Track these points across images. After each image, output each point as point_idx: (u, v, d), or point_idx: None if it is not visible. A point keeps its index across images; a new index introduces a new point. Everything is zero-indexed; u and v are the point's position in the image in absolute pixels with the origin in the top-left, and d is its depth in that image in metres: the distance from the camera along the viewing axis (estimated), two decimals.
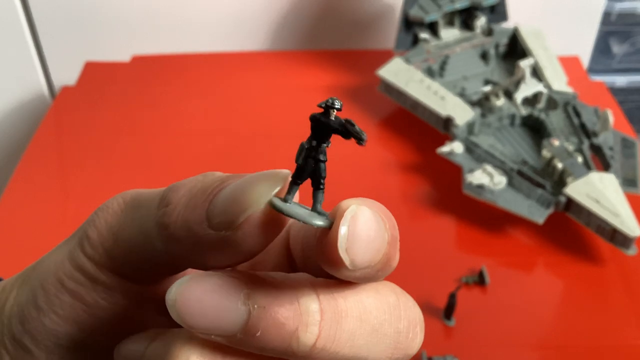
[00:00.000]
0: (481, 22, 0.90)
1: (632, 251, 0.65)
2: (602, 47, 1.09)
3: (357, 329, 0.22)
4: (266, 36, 1.04)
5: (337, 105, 0.21)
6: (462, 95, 0.81)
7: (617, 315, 0.63)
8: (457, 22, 0.91)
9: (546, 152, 0.71)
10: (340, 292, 0.22)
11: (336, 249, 0.21)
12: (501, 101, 0.80)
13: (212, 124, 0.87)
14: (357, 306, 0.22)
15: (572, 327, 0.62)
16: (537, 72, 0.82)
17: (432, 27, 0.89)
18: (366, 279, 0.22)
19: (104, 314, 0.25)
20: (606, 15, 1.05)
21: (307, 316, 0.21)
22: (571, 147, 0.72)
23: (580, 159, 0.71)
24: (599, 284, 0.66)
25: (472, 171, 0.72)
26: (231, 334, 0.21)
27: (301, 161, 0.22)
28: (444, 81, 0.84)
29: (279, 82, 0.96)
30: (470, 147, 0.75)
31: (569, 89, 0.82)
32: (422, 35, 0.88)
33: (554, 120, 0.78)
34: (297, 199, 0.22)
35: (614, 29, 1.08)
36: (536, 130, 0.79)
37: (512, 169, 0.71)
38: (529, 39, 0.87)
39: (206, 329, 0.21)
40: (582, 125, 0.77)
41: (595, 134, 0.75)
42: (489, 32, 0.90)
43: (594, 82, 0.98)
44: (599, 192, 0.66)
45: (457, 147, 0.75)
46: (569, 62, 0.91)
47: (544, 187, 0.69)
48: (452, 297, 0.60)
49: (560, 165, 0.69)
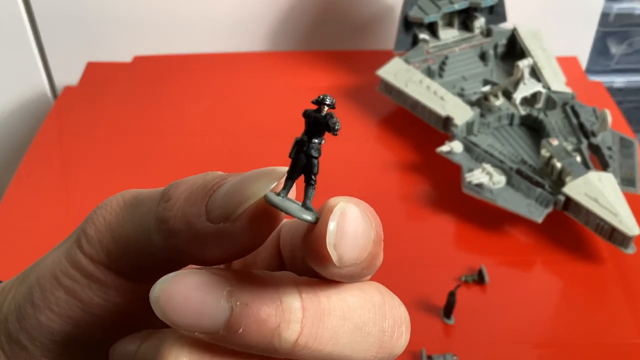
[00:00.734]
0: (480, 22, 0.91)
1: (631, 250, 0.65)
2: (600, 48, 1.10)
3: (340, 327, 0.22)
4: (267, 37, 1.04)
5: (328, 101, 0.22)
6: (461, 95, 0.82)
7: (616, 313, 0.64)
8: (456, 23, 0.91)
9: (545, 152, 0.71)
10: (323, 291, 0.23)
11: (324, 245, 0.21)
12: (500, 101, 0.80)
13: (213, 123, 0.88)
14: (340, 305, 0.22)
15: (570, 325, 0.63)
16: (535, 73, 0.83)
17: (432, 28, 0.90)
18: (351, 277, 0.23)
19: (100, 312, 0.26)
20: (604, 16, 1.06)
21: (289, 313, 0.21)
22: (570, 147, 0.72)
23: (578, 158, 0.71)
24: (597, 282, 0.67)
25: (471, 170, 0.72)
26: (214, 331, 0.21)
27: (293, 155, 0.23)
28: (443, 81, 0.84)
29: (280, 83, 0.96)
30: (469, 147, 0.75)
31: (568, 89, 0.82)
32: (422, 35, 0.89)
33: (553, 120, 0.79)
34: (293, 196, 0.23)
35: (612, 29, 1.09)
36: (535, 130, 0.79)
37: (511, 168, 0.72)
38: (528, 40, 0.88)
39: (189, 325, 0.21)
40: (581, 125, 0.77)
41: (593, 134, 0.76)
42: (488, 33, 0.91)
43: (592, 82, 0.98)
44: (598, 191, 0.66)
45: (456, 147, 0.75)
46: (567, 63, 0.91)
47: (543, 187, 0.70)
48: (451, 296, 0.61)
49: (559, 164, 0.70)
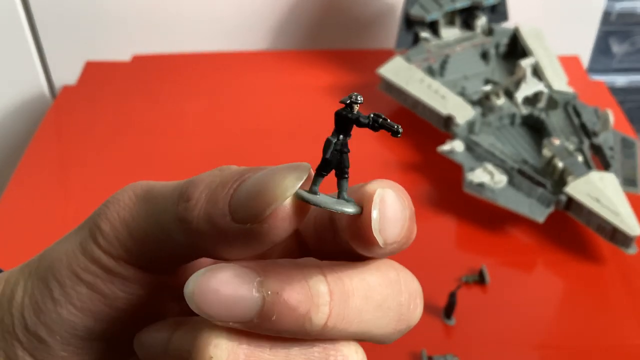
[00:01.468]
0: (482, 21, 0.90)
1: (632, 250, 0.65)
2: (602, 47, 1.09)
3: (364, 306, 0.24)
4: (266, 36, 1.04)
5: (360, 100, 0.23)
6: (462, 94, 0.81)
7: (617, 314, 0.63)
8: (457, 21, 0.91)
9: (547, 152, 0.71)
10: (345, 273, 0.24)
11: (371, 232, 0.23)
12: (501, 100, 0.80)
13: (212, 123, 0.87)
14: (362, 285, 0.24)
15: (572, 326, 0.63)
16: (537, 72, 0.82)
17: (433, 27, 0.90)
18: (392, 253, 0.24)
19: (121, 304, 0.26)
20: (606, 15, 1.05)
21: (318, 298, 0.23)
22: (571, 147, 0.72)
23: (580, 158, 0.71)
24: (599, 283, 0.66)
25: (472, 170, 0.72)
26: (248, 320, 0.22)
27: (329, 155, 0.24)
28: (445, 80, 0.84)
29: (279, 82, 0.96)
30: (470, 146, 0.75)
31: (569, 89, 0.82)
32: (423, 34, 0.88)
33: (554, 119, 0.78)
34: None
35: (614, 28, 1.08)
36: (536, 129, 0.79)
37: (513, 168, 0.71)
38: (529, 39, 0.87)
39: (224, 317, 0.22)
40: (583, 124, 0.77)
41: (595, 134, 0.75)
42: (490, 32, 0.90)
43: (594, 81, 0.98)
44: (599, 191, 0.66)
45: (457, 146, 0.75)
46: (569, 62, 0.91)
47: (544, 186, 0.69)
48: (452, 296, 0.60)
49: (560, 164, 0.69)
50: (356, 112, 0.23)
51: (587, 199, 0.66)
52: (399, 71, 0.84)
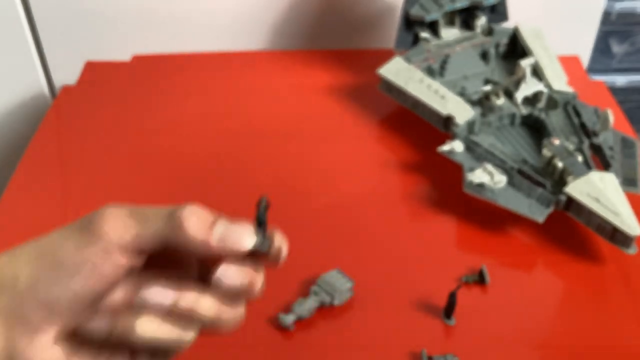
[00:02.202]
0: (481, 21, 0.90)
1: (632, 250, 0.65)
2: (602, 47, 1.10)
3: None
4: (266, 36, 1.04)
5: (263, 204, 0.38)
6: (462, 94, 0.81)
7: (617, 314, 0.63)
8: (457, 21, 0.91)
9: (546, 151, 0.71)
10: None
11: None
12: (501, 100, 0.80)
13: (212, 123, 0.87)
14: None
15: (572, 326, 0.63)
16: (537, 72, 0.82)
17: (433, 27, 0.90)
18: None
19: (116, 280, 0.35)
20: (606, 14, 1.05)
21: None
22: (571, 147, 0.72)
23: (580, 158, 0.71)
24: (599, 283, 0.66)
25: (472, 170, 0.72)
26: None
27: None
28: (445, 80, 0.84)
29: (279, 82, 0.96)
30: (470, 146, 0.75)
31: (569, 89, 0.82)
32: (423, 34, 0.88)
33: (554, 119, 0.78)
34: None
35: (614, 28, 1.08)
36: (536, 129, 0.79)
37: (513, 168, 0.71)
38: (529, 39, 0.87)
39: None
40: (582, 124, 0.77)
41: (595, 134, 0.75)
42: (489, 32, 0.90)
43: (593, 81, 0.98)
44: (599, 191, 0.66)
45: (457, 146, 0.75)
46: (568, 62, 0.91)
47: (544, 186, 0.69)
48: (452, 296, 0.60)
49: (560, 164, 0.69)
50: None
51: (587, 199, 0.66)
52: (399, 71, 0.84)
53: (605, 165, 0.73)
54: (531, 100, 0.81)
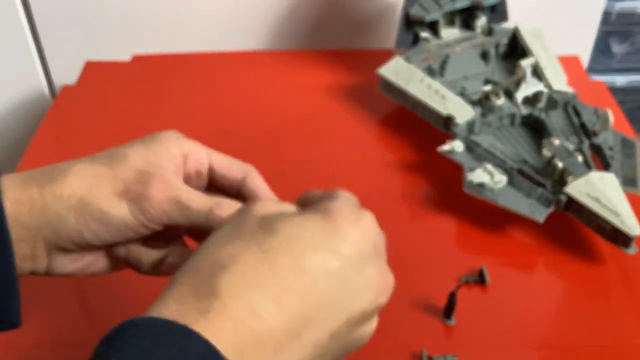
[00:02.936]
0: (481, 21, 0.90)
1: (632, 250, 0.65)
2: (602, 47, 1.10)
3: None
4: (266, 36, 1.04)
5: None
6: (462, 94, 0.81)
7: (617, 314, 0.63)
8: (457, 21, 0.91)
9: (546, 152, 0.71)
10: None
11: None
12: (501, 100, 0.80)
13: (212, 123, 0.87)
14: None
15: (572, 326, 0.63)
16: (537, 72, 0.82)
17: (433, 27, 0.90)
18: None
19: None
20: (606, 14, 1.05)
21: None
22: (571, 147, 0.72)
23: (580, 158, 0.71)
24: (599, 283, 0.66)
25: (472, 170, 0.72)
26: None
27: None
28: (445, 80, 0.84)
29: (279, 82, 0.96)
30: (470, 146, 0.75)
31: (569, 89, 0.82)
32: (423, 34, 0.88)
33: (554, 119, 0.78)
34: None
35: (614, 28, 1.08)
36: (536, 129, 0.79)
37: (513, 168, 0.71)
38: (529, 39, 0.87)
39: None
40: (582, 124, 0.77)
41: (595, 134, 0.75)
42: (489, 32, 0.90)
43: (593, 81, 0.98)
44: (599, 191, 0.66)
45: (457, 146, 0.75)
46: (568, 62, 0.91)
47: (544, 186, 0.69)
48: (452, 297, 0.60)
49: (560, 164, 0.69)
50: None
51: (587, 199, 0.66)
52: (399, 71, 0.84)
53: (605, 165, 0.73)
54: (531, 100, 0.81)
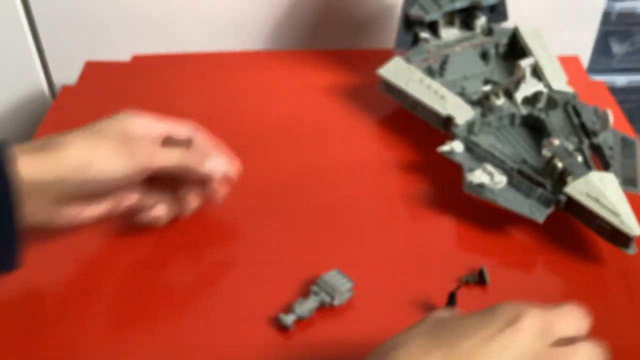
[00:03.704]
0: (481, 21, 0.90)
1: (632, 250, 0.65)
2: (602, 47, 1.10)
3: None
4: (266, 36, 1.04)
5: None
6: (462, 94, 0.81)
7: (617, 314, 0.63)
8: (457, 21, 0.91)
9: (546, 152, 0.71)
10: None
11: None
12: (501, 101, 0.80)
13: (212, 123, 0.87)
14: None
15: None
16: (537, 72, 0.82)
17: (432, 27, 0.90)
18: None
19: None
20: (606, 14, 1.05)
21: None
22: (571, 147, 0.72)
23: (580, 158, 0.71)
24: (598, 283, 0.66)
25: (472, 170, 0.72)
26: None
27: None
28: (444, 81, 0.84)
29: (279, 82, 0.96)
30: (470, 147, 0.75)
31: (569, 89, 0.82)
32: (423, 34, 0.88)
33: (554, 119, 0.78)
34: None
35: (614, 28, 1.09)
36: (536, 129, 0.79)
37: (512, 168, 0.71)
38: (529, 39, 0.87)
39: None
40: (582, 124, 0.77)
41: (595, 134, 0.75)
42: (489, 32, 0.90)
43: (593, 81, 0.98)
44: (599, 191, 0.66)
45: (457, 146, 0.75)
46: (568, 62, 0.91)
47: (544, 186, 0.69)
48: (452, 297, 0.60)
49: (560, 164, 0.69)
50: None
51: (587, 199, 0.66)
52: (399, 72, 0.84)
53: (605, 165, 0.73)
54: (531, 100, 0.81)
